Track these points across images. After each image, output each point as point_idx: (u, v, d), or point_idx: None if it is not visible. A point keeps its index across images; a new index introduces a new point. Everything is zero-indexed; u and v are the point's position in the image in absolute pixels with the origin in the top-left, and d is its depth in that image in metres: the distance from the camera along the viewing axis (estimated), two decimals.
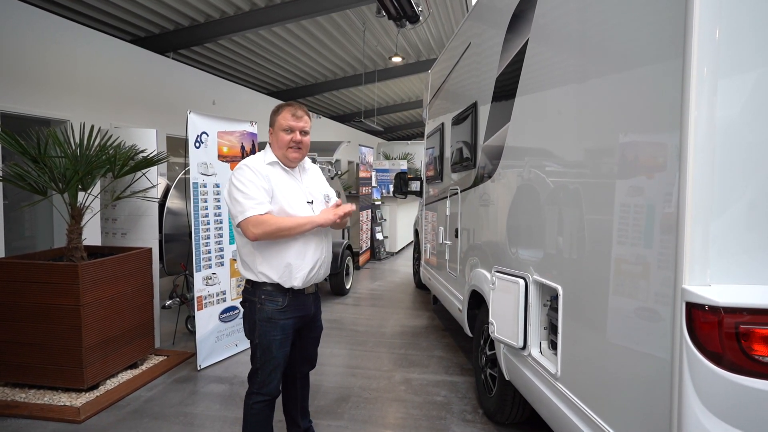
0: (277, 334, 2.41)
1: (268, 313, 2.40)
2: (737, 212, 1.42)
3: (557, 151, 2.30)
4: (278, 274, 2.38)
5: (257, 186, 2.32)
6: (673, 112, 1.45)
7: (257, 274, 2.41)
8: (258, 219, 2.26)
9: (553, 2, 2.36)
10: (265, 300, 2.41)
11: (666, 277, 1.48)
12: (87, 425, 3.22)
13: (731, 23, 1.40)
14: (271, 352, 2.40)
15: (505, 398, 3.07)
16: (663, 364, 1.47)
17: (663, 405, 1.46)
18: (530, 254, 2.56)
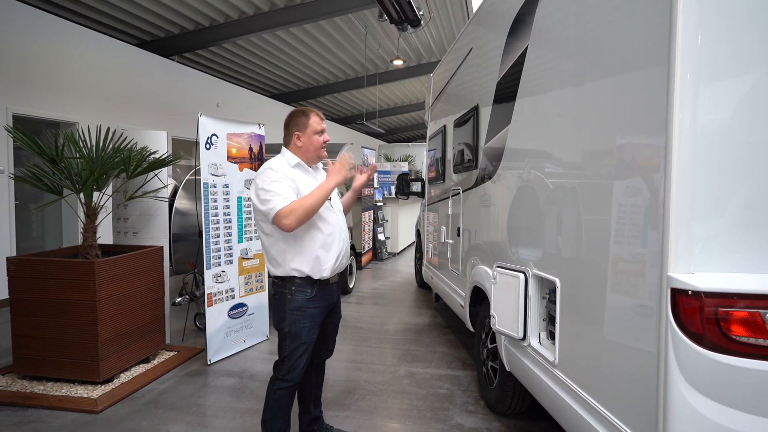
0: (307, 322, 2.56)
1: (299, 302, 2.55)
2: (718, 208, 1.56)
3: (555, 152, 2.44)
4: (309, 266, 2.53)
5: (283, 184, 2.46)
6: (660, 116, 1.59)
7: (289, 270, 2.54)
8: (286, 209, 2.38)
9: (552, 9, 2.50)
10: (295, 291, 2.56)
11: (654, 266, 1.61)
12: (104, 416, 3.35)
13: (712, 33, 1.54)
14: (300, 339, 2.55)
15: (505, 389, 3.20)
16: (651, 346, 1.60)
17: (651, 383, 1.59)
18: (529, 250, 2.70)
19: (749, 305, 1.47)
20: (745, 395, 1.45)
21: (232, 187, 4.47)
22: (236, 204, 4.52)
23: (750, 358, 1.45)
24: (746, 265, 1.54)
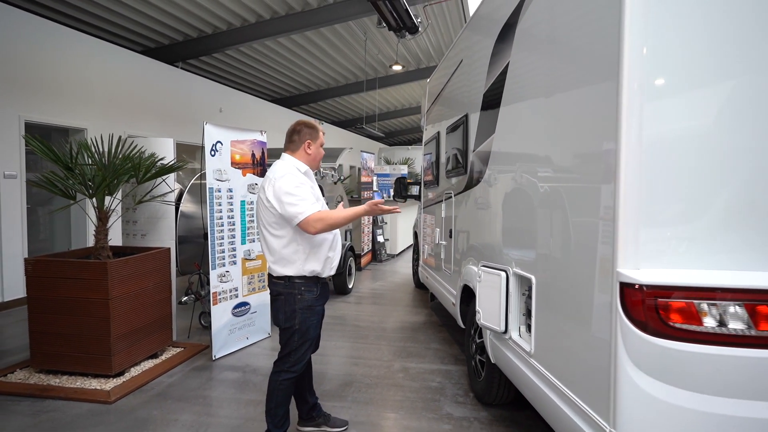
0: (314, 318, 2.83)
1: (308, 301, 2.79)
2: (662, 212, 1.78)
3: (529, 159, 2.67)
4: (321, 265, 2.80)
5: (306, 190, 2.72)
6: (611, 129, 1.82)
7: (302, 269, 2.76)
8: (317, 216, 2.63)
9: (529, 31, 2.73)
10: (304, 291, 2.79)
11: (607, 264, 1.84)
12: (117, 406, 3.58)
13: (655, 52, 1.77)
14: (309, 334, 2.81)
15: (492, 381, 3.42)
16: (605, 333, 1.83)
17: (605, 366, 1.82)
18: (510, 250, 2.93)
19: (685, 296, 1.70)
20: (682, 374, 1.68)
21: (236, 192, 4.71)
22: (240, 207, 4.76)
23: (686, 342, 1.68)
24: (686, 261, 1.76)
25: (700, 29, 1.78)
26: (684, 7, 1.77)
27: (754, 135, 1.77)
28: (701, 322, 1.70)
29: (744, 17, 1.76)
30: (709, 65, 1.78)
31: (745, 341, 1.68)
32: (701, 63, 1.78)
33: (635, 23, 1.76)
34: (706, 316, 1.70)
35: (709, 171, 1.77)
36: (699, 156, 1.78)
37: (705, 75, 1.78)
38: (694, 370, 1.68)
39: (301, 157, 2.91)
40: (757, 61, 1.76)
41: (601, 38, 1.93)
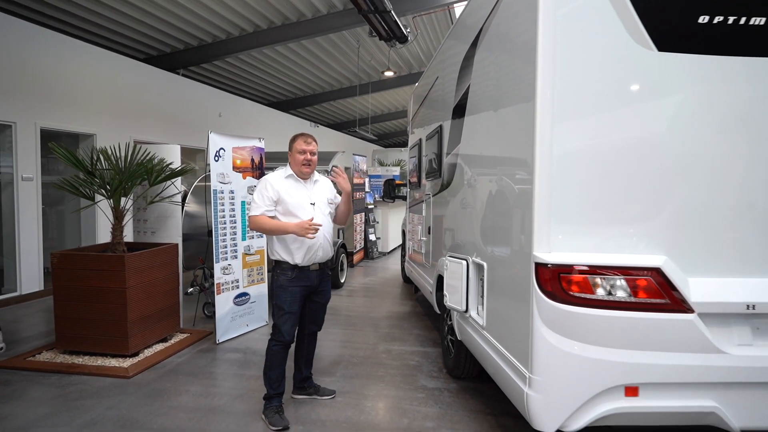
0: (287, 296, 3.37)
1: (281, 282, 3.37)
2: (568, 208, 2.33)
3: (482, 165, 3.23)
4: (286, 253, 3.36)
5: (262, 195, 3.36)
6: (530, 140, 2.36)
7: (275, 254, 3.40)
8: (255, 218, 3.33)
9: (482, 59, 3.28)
10: (279, 273, 3.40)
11: (527, 249, 2.39)
12: (135, 380, 4.12)
13: (563, 81, 2.32)
14: (283, 309, 3.36)
15: (459, 356, 3.97)
16: (526, 302, 2.38)
17: (526, 327, 2.37)
18: (469, 242, 3.49)
19: (580, 272, 2.25)
20: (579, 331, 2.23)
21: (237, 193, 5.25)
22: (240, 207, 5.30)
23: (581, 306, 2.23)
24: (584, 247, 2.32)
25: (597, 71, 2.34)
26: (583, 54, 2.32)
27: (634, 151, 2.32)
28: (594, 291, 2.25)
29: (631, 62, 2.32)
30: (604, 96, 2.34)
31: (626, 306, 2.24)
32: (598, 94, 2.34)
33: (546, 60, 2.31)
34: (598, 288, 2.26)
35: (600, 179, 2.33)
36: (594, 167, 2.33)
37: (600, 104, 2.34)
38: (588, 327, 2.23)
39: (290, 164, 3.47)
40: (639, 94, 2.32)
41: (525, 68, 2.48)
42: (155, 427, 3.33)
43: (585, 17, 2.33)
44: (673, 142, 2.35)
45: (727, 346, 2.27)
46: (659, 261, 2.27)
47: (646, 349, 2.25)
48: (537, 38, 2.32)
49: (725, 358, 2.26)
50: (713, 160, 2.35)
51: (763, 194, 2.35)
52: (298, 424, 3.36)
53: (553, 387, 2.28)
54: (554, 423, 2.28)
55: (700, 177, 2.35)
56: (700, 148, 2.35)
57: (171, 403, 3.70)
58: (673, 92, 2.36)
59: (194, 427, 3.33)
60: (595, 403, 2.26)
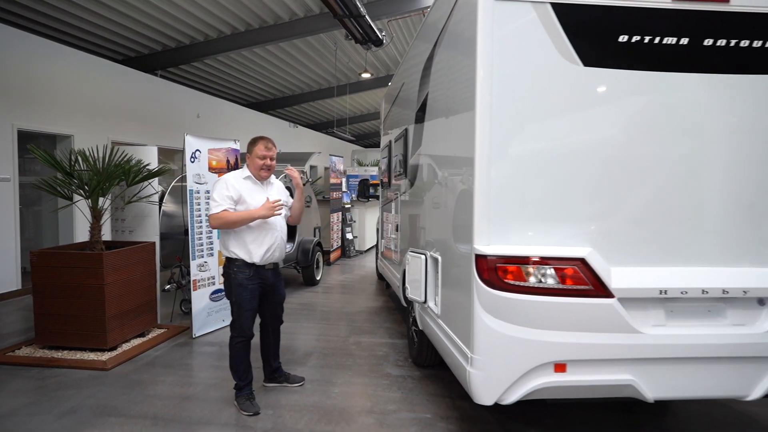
0: (247, 294, 3.56)
1: (240, 280, 3.55)
2: (505, 206, 2.62)
3: (436, 166, 3.50)
4: (243, 252, 3.53)
5: (222, 194, 3.49)
6: (471, 143, 2.64)
7: (231, 252, 3.56)
8: (216, 215, 3.46)
9: (437, 71, 3.56)
10: (237, 271, 3.57)
11: (470, 242, 2.67)
12: (113, 372, 4.31)
13: (501, 93, 2.59)
14: (243, 306, 3.56)
15: (422, 345, 4.25)
16: (469, 290, 2.66)
17: (469, 312, 2.65)
18: (427, 237, 3.76)
19: (514, 262, 2.53)
20: (513, 314, 2.51)
21: None
22: None
23: (515, 293, 2.52)
24: (519, 240, 2.60)
25: (531, 84, 2.63)
26: (518, 70, 2.61)
27: (564, 155, 2.62)
28: (527, 279, 2.54)
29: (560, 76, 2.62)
30: (537, 107, 2.63)
31: (555, 292, 2.53)
32: (532, 105, 2.63)
33: (484, 75, 2.59)
34: (530, 276, 2.54)
35: (534, 180, 2.62)
36: (528, 169, 2.62)
37: (533, 113, 2.63)
38: (521, 311, 2.52)
39: (248, 166, 3.67)
40: (568, 105, 2.62)
41: (467, 81, 2.75)
42: (132, 414, 3.53)
43: (519, 38, 2.61)
44: (597, 148, 2.65)
45: (643, 327, 2.58)
46: (584, 252, 2.57)
47: (573, 330, 2.54)
48: (476, 56, 2.60)
49: (641, 338, 2.57)
50: (632, 164, 2.66)
51: (674, 193, 2.66)
52: (269, 409, 3.60)
53: (491, 365, 2.56)
54: (492, 396, 2.56)
55: (621, 179, 2.66)
56: (620, 153, 2.65)
57: (148, 392, 3.90)
58: (597, 103, 2.66)
59: (170, 413, 3.54)
60: (528, 379, 2.54)
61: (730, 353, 2.62)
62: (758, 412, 3.62)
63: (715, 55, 2.65)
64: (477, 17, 2.60)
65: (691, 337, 2.61)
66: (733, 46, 2.64)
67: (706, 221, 2.70)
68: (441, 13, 3.46)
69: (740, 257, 2.72)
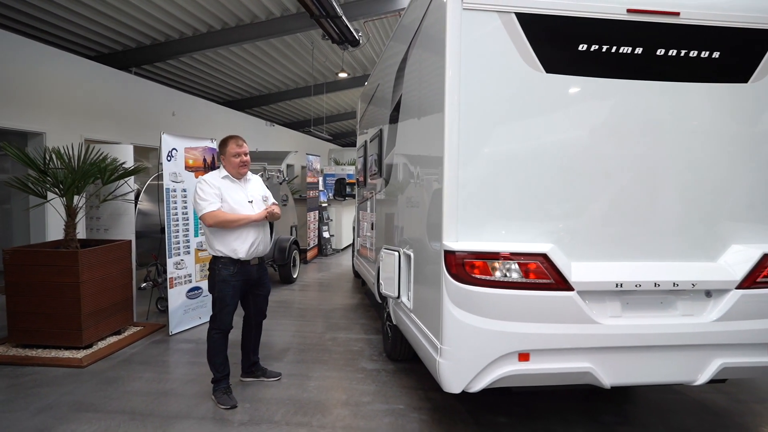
0: (229, 290, 3.65)
1: (223, 276, 3.64)
2: (472, 204, 2.76)
3: (410, 166, 3.63)
4: (228, 249, 3.62)
5: (209, 193, 3.59)
6: (441, 143, 2.77)
7: (216, 251, 3.64)
8: (212, 213, 3.53)
9: (410, 73, 3.69)
10: (221, 268, 3.66)
11: (439, 239, 2.80)
12: (89, 369, 4.32)
13: (468, 97, 2.73)
14: (225, 301, 3.65)
15: (396, 340, 4.38)
16: (439, 284, 2.79)
17: (438, 305, 2.78)
18: (401, 235, 3.89)
19: (481, 257, 2.68)
20: (478, 306, 2.66)
21: (189, 192, 5.48)
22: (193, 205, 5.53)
23: (480, 286, 2.66)
24: (487, 237, 2.75)
25: (497, 89, 2.78)
26: (485, 75, 2.76)
27: (528, 157, 2.78)
28: (492, 274, 2.69)
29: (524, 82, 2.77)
30: (503, 110, 2.78)
31: (519, 286, 2.69)
32: (498, 108, 2.78)
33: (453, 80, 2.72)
34: (496, 271, 2.69)
35: (500, 180, 2.77)
36: (495, 169, 2.77)
37: (499, 116, 2.78)
38: (487, 303, 2.67)
39: (224, 166, 3.76)
40: (532, 109, 2.78)
41: (437, 84, 2.88)
42: (110, 410, 3.57)
43: (486, 45, 2.75)
44: (559, 150, 2.82)
45: (600, 318, 2.76)
46: (546, 248, 2.73)
47: (535, 321, 2.70)
48: (445, 60, 2.73)
49: (599, 328, 2.74)
50: (591, 166, 2.83)
51: (628, 193, 2.85)
52: (246, 403, 3.68)
53: (459, 355, 2.70)
54: (460, 385, 2.70)
55: (580, 179, 2.83)
56: (580, 155, 2.83)
57: (125, 388, 3.94)
58: (559, 108, 2.82)
59: (147, 408, 3.59)
60: (494, 368, 2.69)
61: (680, 342, 2.82)
62: (710, 399, 3.86)
63: (668, 64, 2.84)
64: (446, 23, 2.74)
65: (644, 327, 2.79)
66: (683, 56, 2.83)
67: (659, 219, 2.89)
68: (415, 16, 3.59)
69: (690, 253, 2.92)
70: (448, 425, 3.40)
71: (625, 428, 3.39)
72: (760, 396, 3.95)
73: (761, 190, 3.00)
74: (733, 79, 2.93)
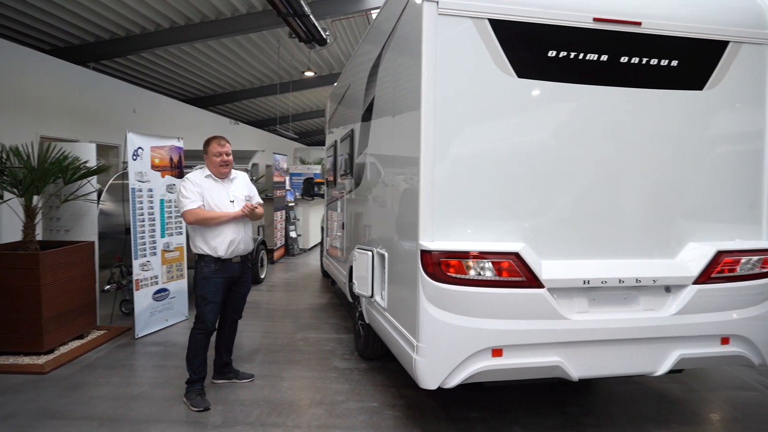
0: (211, 287, 3.65)
1: (205, 273, 3.64)
2: (447, 205, 2.83)
3: (383, 166, 3.68)
4: (208, 248, 3.62)
5: (192, 191, 3.60)
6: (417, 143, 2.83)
7: (198, 249, 3.65)
8: (192, 211, 3.54)
9: (384, 75, 3.73)
10: (203, 266, 3.67)
11: (415, 239, 2.86)
12: (52, 375, 4.18)
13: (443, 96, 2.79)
14: (207, 299, 3.64)
15: (368, 338, 4.42)
16: (415, 283, 2.85)
17: (414, 303, 2.84)
18: (374, 235, 3.94)
19: (456, 257, 2.75)
20: (453, 304, 2.73)
21: (156, 191, 5.37)
22: (159, 205, 5.42)
23: (456, 285, 2.74)
24: (462, 237, 2.83)
25: (470, 92, 2.85)
26: (459, 78, 2.83)
27: (500, 158, 2.87)
28: (467, 272, 2.76)
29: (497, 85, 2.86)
30: (476, 112, 2.86)
31: (492, 284, 2.77)
32: (471, 110, 2.86)
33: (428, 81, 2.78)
34: (470, 269, 2.77)
35: (474, 181, 2.85)
36: (468, 170, 2.85)
37: (473, 118, 2.86)
38: (462, 301, 2.74)
39: (208, 167, 3.74)
40: (504, 111, 2.87)
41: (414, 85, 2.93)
42: (77, 416, 3.47)
43: (460, 49, 2.82)
44: (529, 152, 2.92)
45: (569, 314, 2.88)
46: (518, 247, 2.82)
47: (508, 318, 2.80)
48: (421, 63, 2.78)
49: (568, 323, 2.86)
50: (559, 167, 2.95)
51: (594, 193, 2.98)
52: (219, 405, 3.65)
53: (435, 352, 2.77)
54: (436, 381, 2.77)
55: (549, 180, 2.94)
56: (549, 157, 2.94)
57: (91, 393, 3.84)
58: (530, 111, 2.93)
59: (116, 414, 3.51)
60: (469, 364, 2.77)
61: (642, 335, 2.97)
62: (667, 388, 4.07)
63: (630, 71, 2.99)
64: (422, 27, 2.79)
65: (609, 322, 2.93)
66: (645, 63, 2.99)
67: (622, 218, 3.04)
68: (388, 19, 3.64)
69: (650, 250, 3.08)
70: (422, 421, 3.46)
71: (589, 419, 3.53)
72: (710, 385, 4.20)
73: (714, 191, 3.19)
74: (690, 87, 3.10)
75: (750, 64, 3.16)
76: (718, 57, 3.11)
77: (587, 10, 2.91)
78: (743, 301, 3.12)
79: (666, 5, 3.05)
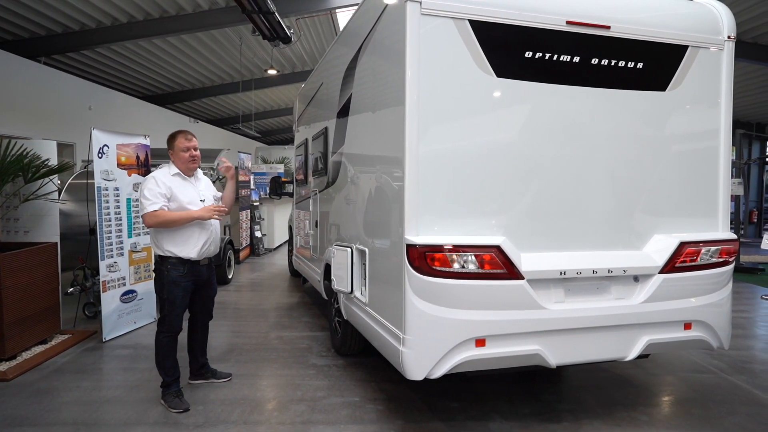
0: (180, 291, 3.56)
1: (173, 277, 3.53)
2: (431, 200, 2.90)
3: (361, 163, 3.73)
4: (178, 249, 3.51)
5: (155, 192, 3.45)
6: (401, 140, 2.89)
7: (164, 251, 3.52)
8: (152, 213, 3.41)
9: (363, 70, 3.77)
10: (171, 269, 3.54)
11: (400, 233, 2.92)
12: (16, 382, 4.01)
13: (426, 93, 2.86)
14: (175, 303, 3.55)
15: (346, 335, 4.45)
16: (400, 276, 2.91)
17: (400, 297, 2.90)
18: (353, 231, 3.97)
19: (441, 250, 2.83)
20: (439, 297, 2.81)
21: (122, 190, 5.21)
22: (126, 205, 5.26)
23: (441, 278, 2.81)
24: (446, 231, 2.91)
25: (452, 90, 2.94)
26: (441, 77, 2.91)
27: (482, 154, 2.97)
28: (451, 265, 2.85)
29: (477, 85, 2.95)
30: (458, 110, 2.95)
31: (475, 276, 2.87)
32: (453, 107, 2.94)
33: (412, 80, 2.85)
34: (454, 262, 2.85)
35: (457, 176, 2.94)
36: (452, 166, 2.93)
37: (454, 115, 2.95)
38: (446, 293, 2.82)
39: (175, 163, 3.64)
40: (484, 109, 2.97)
41: (397, 83, 2.99)
42: (48, 422, 3.35)
43: (441, 49, 2.90)
44: (508, 149, 3.04)
45: (547, 304, 3.00)
46: (499, 240, 2.93)
47: (490, 308, 2.90)
48: (405, 62, 2.85)
49: (546, 313, 2.99)
50: (536, 164, 3.07)
51: (568, 189, 3.13)
52: (199, 405, 3.60)
53: (421, 343, 2.83)
54: (423, 372, 2.84)
55: (527, 176, 3.07)
56: (527, 154, 3.06)
57: (61, 399, 3.71)
58: (508, 109, 3.04)
59: (91, 418, 3.41)
60: (454, 354, 2.85)
61: (614, 323, 3.13)
62: (632, 374, 4.29)
63: (600, 72, 3.15)
64: (406, 26, 2.85)
65: (584, 311, 3.08)
66: (613, 65, 3.15)
67: (594, 212, 3.20)
68: (366, 19, 3.68)
69: (620, 242, 3.25)
70: (404, 414, 3.53)
71: (563, 405, 3.69)
72: (669, 369, 4.45)
73: (676, 186, 3.39)
74: (654, 88, 3.29)
75: (707, 67, 3.38)
76: (678, 60, 3.32)
77: (561, 13, 3.05)
78: (704, 288, 3.34)
79: (632, 10, 3.23)
